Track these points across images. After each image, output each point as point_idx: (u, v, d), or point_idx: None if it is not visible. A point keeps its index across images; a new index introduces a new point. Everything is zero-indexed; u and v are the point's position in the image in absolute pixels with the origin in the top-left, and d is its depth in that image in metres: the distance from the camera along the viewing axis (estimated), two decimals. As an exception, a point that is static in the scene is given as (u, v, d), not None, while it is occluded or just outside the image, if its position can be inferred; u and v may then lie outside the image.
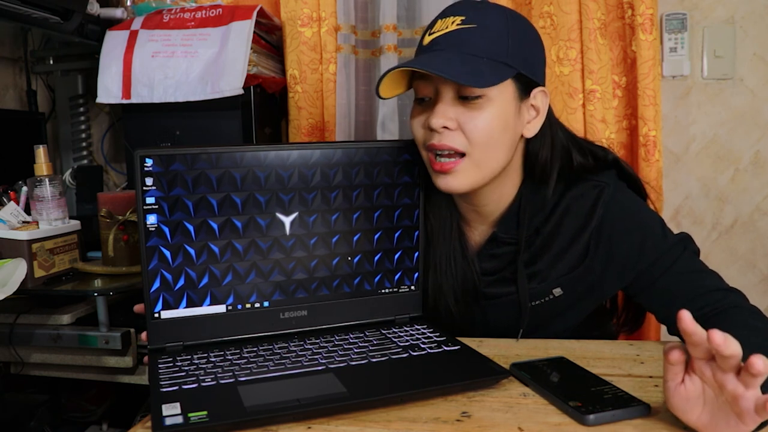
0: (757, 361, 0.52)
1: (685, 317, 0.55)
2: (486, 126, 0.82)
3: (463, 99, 0.82)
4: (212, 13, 1.46)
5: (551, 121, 0.91)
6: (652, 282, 0.87)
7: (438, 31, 0.84)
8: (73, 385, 1.50)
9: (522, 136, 0.89)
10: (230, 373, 0.73)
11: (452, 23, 0.83)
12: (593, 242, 0.89)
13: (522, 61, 0.83)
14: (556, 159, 0.90)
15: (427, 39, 0.85)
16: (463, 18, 0.82)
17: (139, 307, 0.85)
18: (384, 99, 0.88)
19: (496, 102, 0.82)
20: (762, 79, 1.57)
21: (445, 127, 0.82)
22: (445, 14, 0.85)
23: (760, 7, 1.55)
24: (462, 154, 0.83)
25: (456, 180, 0.84)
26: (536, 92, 0.87)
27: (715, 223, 1.63)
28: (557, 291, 0.92)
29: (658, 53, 1.46)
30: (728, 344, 0.54)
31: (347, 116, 1.60)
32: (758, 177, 1.60)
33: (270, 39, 1.59)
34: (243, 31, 1.40)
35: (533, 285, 0.92)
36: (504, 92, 0.83)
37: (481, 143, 0.83)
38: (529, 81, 0.85)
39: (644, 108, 1.44)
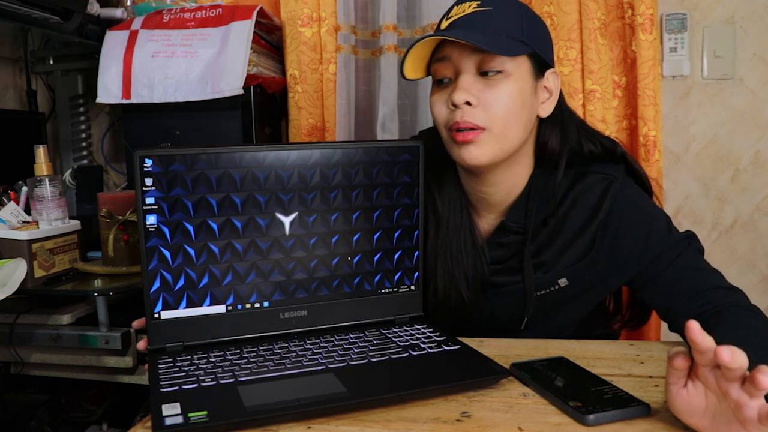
0: (764, 378, 0.52)
1: (693, 327, 0.55)
2: (506, 100, 0.84)
3: (483, 75, 0.85)
4: (212, 13, 1.46)
5: (562, 107, 0.93)
6: (655, 277, 0.87)
7: (455, 15, 0.87)
8: (73, 385, 1.50)
9: (537, 117, 0.91)
10: (230, 373, 0.73)
11: (469, 7, 0.86)
12: (600, 234, 0.90)
13: (535, 41, 0.87)
14: (566, 143, 0.92)
15: (445, 23, 0.88)
16: (478, 2, 0.86)
17: (138, 323, 0.85)
18: (408, 80, 0.91)
19: (514, 77, 0.85)
20: (762, 79, 1.57)
21: (467, 103, 0.84)
22: (460, 1, 0.88)
23: (760, 7, 1.55)
24: (482, 129, 0.85)
25: (478, 149, 0.85)
26: (548, 73, 0.90)
27: (715, 223, 1.63)
28: (563, 281, 0.93)
29: (658, 53, 1.46)
30: (735, 359, 0.53)
31: (347, 116, 1.60)
32: (758, 177, 1.60)
33: (270, 39, 1.59)
34: (243, 31, 1.40)
35: (539, 275, 0.93)
36: (521, 68, 0.86)
37: (501, 117, 0.85)
38: (542, 61, 0.88)
39: (644, 108, 1.44)
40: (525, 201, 0.93)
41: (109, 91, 1.44)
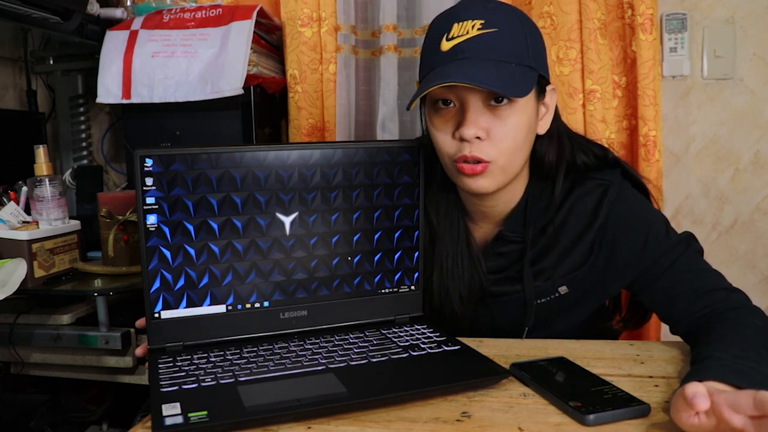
0: None
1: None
2: (514, 133, 0.82)
3: (493, 106, 0.81)
4: (212, 13, 1.46)
5: (557, 121, 0.92)
6: (655, 280, 0.87)
7: (459, 36, 0.81)
8: (73, 385, 1.50)
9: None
10: (230, 373, 0.73)
11: (472, 28, 0.80)
12: (598, 240, 0.90)
13: (538, 61, 0.84)
14: (562, 158, 0.91)
15: (447, 45, 0.81)
16: (482, 22, 0.80)
17: (140, 322, 0.84)
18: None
19: (521, 106, 0.82)
20: (762, 79, 1.57)
21: (476, 137, 0.81)
22: (459, 17, 0.82)
23: (760, 7, 1.55)
24: (489, 162, 0.83)
25: (486, 180, 0.84)
26: (548, 90, 0.88)
27: (715, 223, 1.63)
28: (563, 289, 0.92)
29: (658, 53, 1.46)
30: None
31: (347, 116, 1.60)
32: (758, 177, 1.60)
33: (270, 39, 1.59)
34: (243, 31, 1.40)
35: (539, 283, 0.92)
36: (528, 95, 0.82)
37: (509, 150, 0.83)
38: (542, 80, 0.86)
39: (644, 108, 1.44)
40: (522, 210, 0.93)
41: (109, 91, 1.44)
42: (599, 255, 0.90)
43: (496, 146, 0.82)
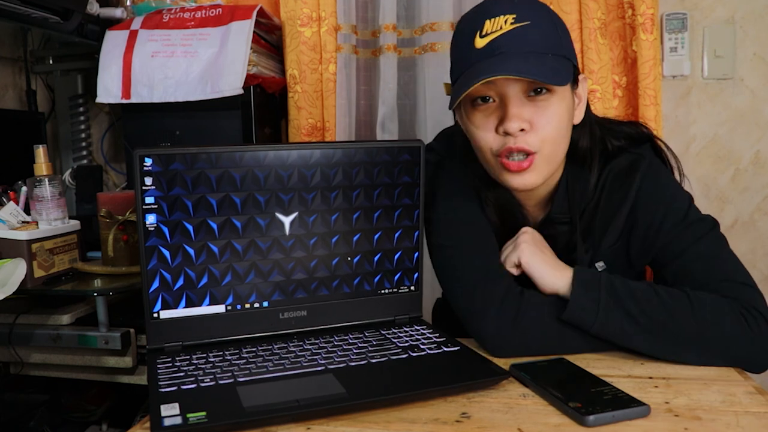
0: None
1: None
2: (556, 122, 0.83)
3: (532, 97, 0.82)
4: (212, 12, 1.46)
5: (588, 110, 0.93)
6: (668, 262, 0.87)
7: (493, 32, 0.81)
8: (73, 385, 1.50)
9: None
10: (229, 374, 0.73)
11: (505, 22, 0.81)
12: (631, 214, 0.91)
13: (570, 51, 0.85)
14: (596, 145, 0.92)
15: (482, 42, 0.82)
16: (514, 16, 0.81)
17: None
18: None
19: (560, 95, 0.83)
20: (762, 79, 1.57)
21: (521, 129, 0.82)
22: (489, 13, 0.82)
23: (760, 7, 1.55)
24: (534, 153, 0.83)
25: (532, 176, 0.85)
26: (580, 80, 0.89)
27: (716, 223, 1.63)
28: (599, 264, 0.93)
29: (658, 53, 1.46)
30: None
31: (347, 116, 1.60)
32: (758, 177, 1.60)
33: (270, 39, 1.59)
34: (243, 30, 1.40)
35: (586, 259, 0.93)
36: (564, 84, 0.83)
37: (552, 138, 0.84)
38: (575, 69, 0.87)
39: (645, 108, 1.44)
40: (564, 192, 0.93)
41: (108, 90, 1.44)
42: (631, 229, 0.91)
43: (539, 136, 0.83)
